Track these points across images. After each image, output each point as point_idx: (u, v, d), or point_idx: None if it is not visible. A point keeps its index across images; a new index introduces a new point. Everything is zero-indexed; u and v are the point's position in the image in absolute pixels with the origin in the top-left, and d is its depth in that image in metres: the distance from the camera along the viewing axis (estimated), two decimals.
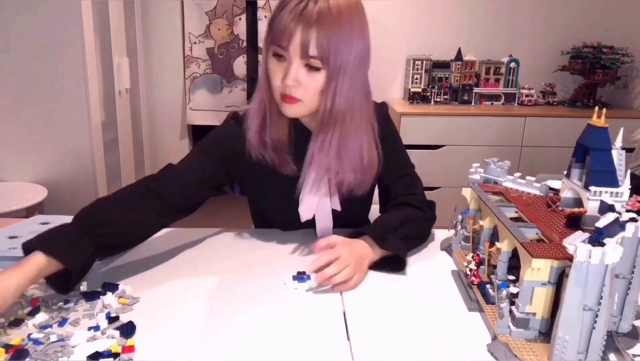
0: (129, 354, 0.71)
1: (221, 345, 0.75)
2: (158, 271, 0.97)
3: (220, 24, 3.05)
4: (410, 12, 3.03)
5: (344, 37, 0.90)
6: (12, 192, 2.26)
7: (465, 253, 1.01)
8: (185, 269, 0.99)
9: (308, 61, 0.91)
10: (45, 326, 0.77)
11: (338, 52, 0.90)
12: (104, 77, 2.53)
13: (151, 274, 0.96)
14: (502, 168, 1.02)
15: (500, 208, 0.89)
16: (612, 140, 0.82)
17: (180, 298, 0.88)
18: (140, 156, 3.09)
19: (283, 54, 0.92)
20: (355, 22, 0.92)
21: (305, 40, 0.89)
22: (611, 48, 2.88)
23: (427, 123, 2.73)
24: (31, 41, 2.21)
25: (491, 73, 2.98)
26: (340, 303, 0.87)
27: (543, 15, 3.06)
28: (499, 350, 0.72)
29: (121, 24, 2.71)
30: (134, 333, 0.76)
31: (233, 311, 0.84)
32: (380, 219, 1.08)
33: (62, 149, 2.36)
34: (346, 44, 0.90)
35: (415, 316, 0.84)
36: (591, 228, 0.71)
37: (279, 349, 0.74)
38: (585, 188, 0.81)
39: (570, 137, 0.97)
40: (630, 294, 0.73)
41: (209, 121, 3.20)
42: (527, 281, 0.72)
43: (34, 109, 2.30)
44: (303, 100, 0.95)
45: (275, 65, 0.94)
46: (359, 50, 0.93)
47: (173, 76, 3.16)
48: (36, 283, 0.89)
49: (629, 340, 0.74)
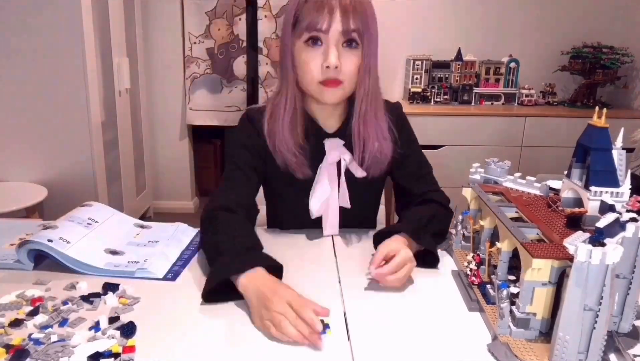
0: (130, 354, 0.71)
1: (221, 345, 0.75)
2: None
3: (220, 24, 3.05)
4: (410, 12, 3.03)
5: (372, 14, 1.00)
6: (12, 192, 2.26)
7: (465, 253, 1.01)
8: (186, 269, 0.99)
9: (350, 36, 0.96)
10: (46, 326, 0.77)
11: (369, 27, 0.98)
12: (104, 77, 2.53)
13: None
14: (502, 168, 1.02)
15: (500, 208, 0.89)
16: (612, 140, 0.82)
17: (180, 298, 0.88)
18: (140, 156, 3.09)
19: (320, 38, 0.96)
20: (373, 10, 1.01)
21: (346, 16, 0.95)
22: (611, 48, 2.88)
23: (427, 123, 2.73)
24: (31, 41, 2.21)
25: (491, 73, 2.98)
26: (340, 303, 0.87)
27: (543, 15, 3.06)
28: (499, 350, 0.72)
29: (121, 24, 2.71)
30: (135, 333, 0.76)
31: (233, 311, 0.84)
32: (409, 215, 1.07)
33: (62, 149, 2.36)
34: (373, 20, 1.00)
35: (415, 316, 0.84)
36: (591, 228, 0.71)
37: (279, 349, 0.74)
38: (586, 188, 0.81)
39: (570, 137, 0.98)
40: (630, 294, 0.73)
41: (208, 121, 3.21)
42: (527, 281, 0.72)
43: (34, 109, 2.30)
44: (344, 82, 0.99)
45: (311, 53, 0.97)
46: (377, 28, 1.02)
47: (173, 76, 3.16)
48: (41, 284, 0.90)
49: (630, 340, 0.74)
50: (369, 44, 0.99)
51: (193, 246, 1.08)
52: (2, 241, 1.03)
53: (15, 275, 0.94)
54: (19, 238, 1.03)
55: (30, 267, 0.95)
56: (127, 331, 0.76)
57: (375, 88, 1.04)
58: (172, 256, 1.02)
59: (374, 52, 1.01)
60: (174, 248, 1.05)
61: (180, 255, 1.03)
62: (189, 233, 1.14)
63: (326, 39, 0.96)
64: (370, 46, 0.99)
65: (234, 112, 3.17)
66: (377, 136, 1.06)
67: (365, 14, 0.97)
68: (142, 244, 1.05)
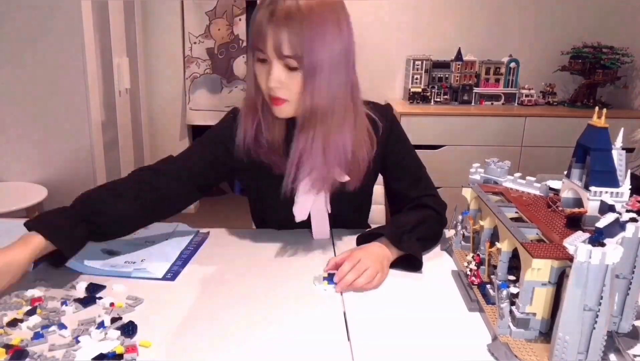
0: (132, 354, 0.71)
1: (221, 344, 0.75)
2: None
3: (220, 24, 3.05)
4: (410, 12, 3.03)
5: (317, 35, 0.89)
6: (12, 192, 2.26)
7: (465, 253, 1.01)
8: (186, 269, 0.99)
9: (285, 61, 0.92)
10: (46, 326, 0.77)
11: (312, 51, 0.90)
12: (104, 77, 2.53)
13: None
14: (502, 168, 1.02)
15: (500, 208, 0.89)
16: (612, 140, 0.82)
17: (181, 298, 0.88)
18: (140, 156, 3.09)
19: (264, 57, 0.93)
20: (329, 18, 0.91)
21: (277, 41, 0.89)
22: (611, 48, 2.88)
23: (427, 123, 2.73)
24: (31, 41, 2.21)
25: (491, 73, 2.97)
26: (340, 303, 0.87)
27: (543, 15, 3.06)
28: (499, 350, 0.72)
29: (121, 24, 2.71)
30: (136, 333, 0.76)
31: (233, 310, 0.84)
32: (396, 219, 1.08)
33: (62, 149, 2.36)
34: (320, 41, 0.90)
35: (415, 316, 0.84)
36: (591, 228, 0.71)
37: (280, 349, 0.74)
38: (586, 188, 0.81)
39: (570, 137, 0.97)
40: (630, 294, 0.73)
41: (208, 121, 3.20)
42: (527, 281, 0.72)
43: (34, 109, 2.30)
44: (289, 100, 0.96)
45: (259, 68, 0.96)
46: (337, 46, 0.93)
47: (173, 76, 3.16)
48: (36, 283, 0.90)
49: (630, 340, 0.74)
50: (313, 64, 0.90)
51: (192, 245, 1.08)
52: (3, 241, 1.02)
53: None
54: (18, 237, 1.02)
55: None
56: (129, 331, 0.76)
57: (328, 107, 0.96)
58: (172, 255, 1.02)
59: (331, 69, 0.93)
60: (173, 248, 1.05)
61: (180, 255, 1.03)
62: (189, 233, 1.14)
63: (267, 57, 0.92)
64: (316, 67, 0.91)
65: None
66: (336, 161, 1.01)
67: (310, 33, 0.88)
68: (139, 244, 1.06)
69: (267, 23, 0.89)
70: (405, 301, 0.88)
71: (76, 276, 0.93)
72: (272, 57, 0.91)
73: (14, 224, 1.13)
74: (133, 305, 0.85)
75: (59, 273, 0.94)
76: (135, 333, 0.76)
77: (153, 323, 0.79)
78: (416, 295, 0.90)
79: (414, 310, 0.86)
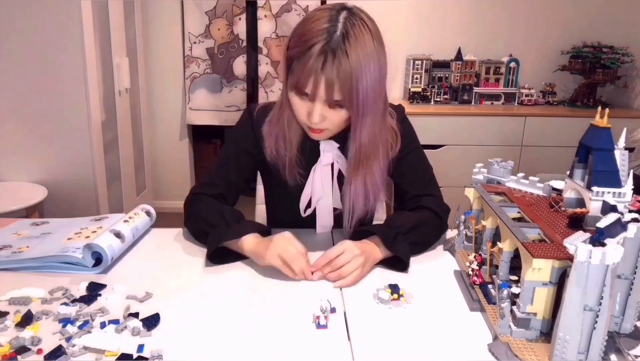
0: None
1: (221, 344, 0.75)
2: (165, 270, 0.98)
3: (220, 23, 3.05)
4: (410, 12, 3.03)
5: (364, 76, 0.92)
6: (12, 192, 2.26)
7: (467, 253, 1.01)
8: (186, 269, 0.99)
9: (333, 105, 0.96)
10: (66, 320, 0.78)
11: (359, 92, 0.93)
12: (104, 77, 2.53)
13: (159, 272, 0.97)
14: (505, 168, 1.02)
15: (502, 208, 0.89)
16: (614, 140, 0.81)
17: (181, 298, 0.88)
18: (140, 155, 3.09)
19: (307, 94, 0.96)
20: (372, 58, 0.94)
21: (330, 91, 0.93)
22: (611, 48, 2.88)
23: (427, 123, 2.73)
24: (31, 41, 2.21)
25: (491, 73, 2.98)
26: (340, 303, 0.87)
27: (543, 15, 3.06)
28: (499, 350, 0.72)
29: (121, 24, 2.71)
30: (159, 324, 0.78)
31: (234, 310, 0.84)
32: (392, 219, 1.08)
33: (62, 149, 2.36)
34: (365, 80, 0.93)
35: (416, 316, 0.84)
36: (593, 228, 0.70)
37: (280, 349, 0.74)
38: (588, 188, 0.81)
39: (570, 137, 0.98)
40: (632, 295, 0.73)
41: (208, 121, 3.20)
42: (528, 281, 0.72)
43: (34, 109, 2.30)
44: (329, 128, 1.01)
45: (298, 101, 0.98)
46: (379, 86, 0.97)
47: (173, 76, 3.16)
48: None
49: (632, 341, 0.74)
50: (358, 107, 0.95)
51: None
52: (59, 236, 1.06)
53: (16, 275, 0.94)
54: (74, 232, 1.07)
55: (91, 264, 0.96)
56: (150, 323, 0.77)
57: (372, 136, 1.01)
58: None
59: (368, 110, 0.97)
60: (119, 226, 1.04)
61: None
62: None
63: (312, 97, 0.95)
64: (361, 108, 0.95)
65: (234, 112, 3.16)
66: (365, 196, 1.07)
67: (352, 83, 0.92)
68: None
69: (316, 74, 0.91)
70: (407, 301, 0.88)
71: (76, 277, 0.93)
72: (318, 100, 0.95)
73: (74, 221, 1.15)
74: (144, 299, 0.86)
75: (60, 273, 0.94)
76: (158, 324, 0.78)
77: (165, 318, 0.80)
78: (418, 294, 0.90)
79: (415, 309, 0.86)
